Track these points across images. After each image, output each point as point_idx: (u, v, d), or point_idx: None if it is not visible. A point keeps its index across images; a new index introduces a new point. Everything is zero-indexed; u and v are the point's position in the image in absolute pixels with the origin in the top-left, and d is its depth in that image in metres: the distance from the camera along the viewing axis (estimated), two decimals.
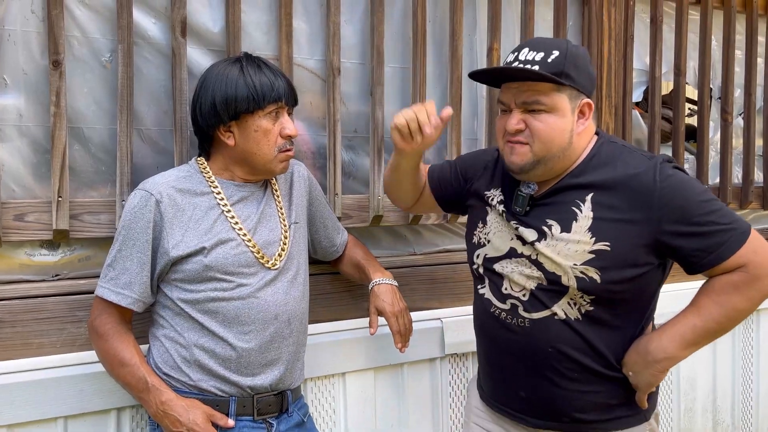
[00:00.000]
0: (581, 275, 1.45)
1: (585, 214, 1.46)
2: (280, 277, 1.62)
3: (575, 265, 1.45)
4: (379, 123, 2.13)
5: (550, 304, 1.50)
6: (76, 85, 1.75)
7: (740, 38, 2.99)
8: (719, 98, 2.99)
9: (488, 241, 1.61)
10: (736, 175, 3.04)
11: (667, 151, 2.86)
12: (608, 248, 1.43)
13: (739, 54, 2.99)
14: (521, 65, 1.43)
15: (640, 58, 2.74)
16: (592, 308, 1.48)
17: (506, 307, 1.56)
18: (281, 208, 1.68)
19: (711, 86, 2.92)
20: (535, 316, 1.51)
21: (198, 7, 1.89)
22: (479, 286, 1.65)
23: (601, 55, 2.55)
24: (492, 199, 1.63)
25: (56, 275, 1.76)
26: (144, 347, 1.63)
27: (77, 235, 1.74)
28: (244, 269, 1.56)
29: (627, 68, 2.62)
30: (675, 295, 1.92)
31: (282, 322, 1.60)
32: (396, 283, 1.84)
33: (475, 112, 2.39)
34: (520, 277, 1.53)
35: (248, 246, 1.57)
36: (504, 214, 1.58)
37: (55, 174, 1.69)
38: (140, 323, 1.69)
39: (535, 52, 1.44)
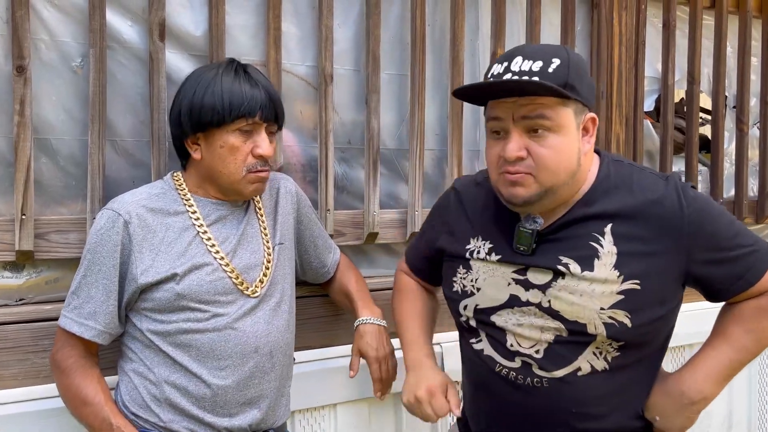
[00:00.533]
0: (610, 320, 1.26)
1: (607, 249, 1.27)
2: (261, 305, 1.47)
3: (603, 309, 1.26)
4: (375, 133, 1.99)
5: (573, 358, 1.29)
6: (44, 93, 1.61)
7: (756, 44, 2.85)
8: (734, 107, 2.86)
9: (477, 290, 1.37)
10: (752, 187, 2.91)
11: (680, 163, 2.71)
12: (638, 287, 1.26)
13: (755, 61, 2.86)
14: (516, 77, 1.21)
15: (652, 65, 2.60)
16: (618, 354, 1.30)
17: (516, 365, 1.34)
18: (265, 228, 1.54)
19: (726, 94, 2.79)
20: (557, 374, 1.30)
21: (178, 9, 1.75)
22: (472, 340, 1.42)
23: (612, 61, 2.41)
24: (478, 253, 1.38)
25: (20, 300, 1.62)
26: (114, 379, 1.48)
27: (43, 256, 1.60)
28: (221, 297, 1.41)
29: (638, 75, 2.48)
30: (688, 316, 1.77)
31: (263, 356, 1.45)
32: (384, 323, 1.67)
33: (477, 122, 2.25)
34: (531, 331, 1.31)
35: (226, 271, 1.42)
36: (500, 261, 1.35)
37: (19, 189, 1.54)
38: (111, 352, 1.54)
39: (531, 62, 1.22)
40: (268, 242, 1.52)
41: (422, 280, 1.64)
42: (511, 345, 1.33)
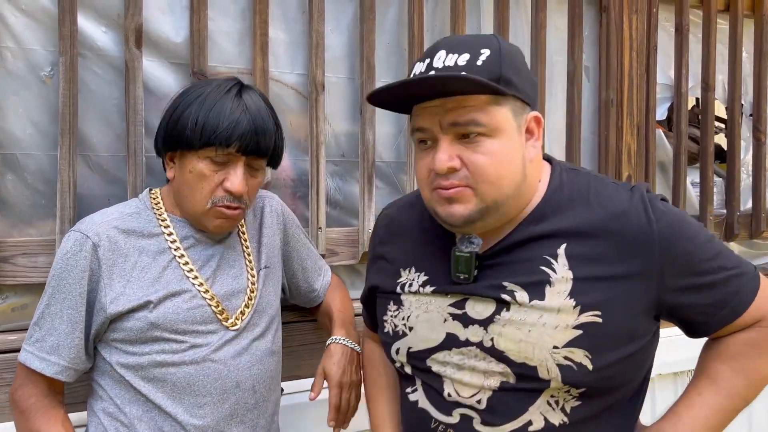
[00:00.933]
0: (566, 362, 1.02)
1: (561, 273, 1.04)
2: (244, 334, 1.34)
3: (556, 348, 1.03)
4: (370, 145, 1.86)
5: (522, 410, 1.05)
6: (9, 104, 1.49)
7: None
8: (750, 115, 2.73)
9: (410, 329, 1.14)
10: None
11: (694, 174, 2.58)
12: (599, 319, 1.03)
13: None
14: (440, 74, 1.01)
15: (664, 72, 2.48)
16: (579, 403, 1.06)
17: (454, 420, 1.10)
18: (248, 251, 1.41)
19: (742, 102, 2.66)
20: (503, 429, 1.06)
21: (156, 14, 1.63)
22: (408, 390, 1.19)
23: (622, 67, 2.29)
24: (410, 286, 1.17)
25: None
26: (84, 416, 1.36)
27: (9, 281, 1.48)
28: (200, 327, 1.28)
29: (650, 82, 2.35)
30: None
31: (245, 391, 1.31)
32: (358, 348, 1.48)
33: None
34: (472, 377, 1.08)
35: (205, 298, 1.29)
36: (435, 293, 1.13)
37: None
38: (81, 385, 1.41)
39: (456, 55, 1.02)
40: (252, 267, 1.40)
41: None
42: (449, 394, 1.10)
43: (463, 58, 1.01)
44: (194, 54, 1.64)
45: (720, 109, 2.74)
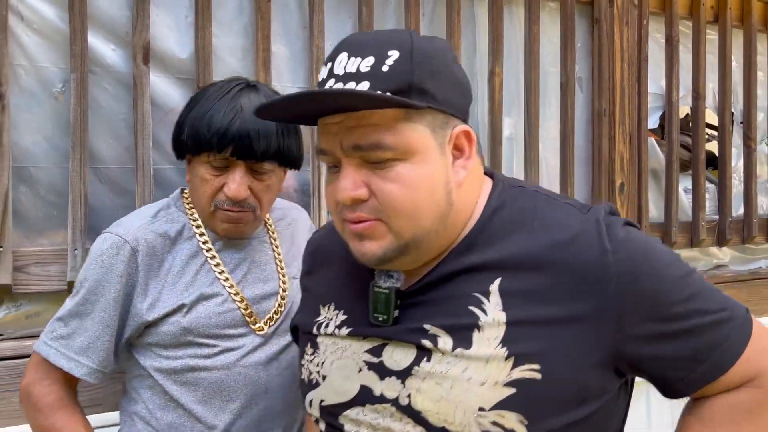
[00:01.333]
0: (494, 428, 0.82)
1: (492, 315, 0.83)
2: (274, 339, 1.32)
3: (483, 410, 0.81)
4: None
5: None
6: (23, 120, 1.56)
7: (762, 59, 2.80)
8: (741, 123, 2.79)
9: (323, 378, 0.95)
10: (761, 205, 2.83)
11: (686, 181, 2.64)
12: (537, 374, 0.81)
13: (762, 76, 2.79)
14: (340, 84, 0.83)
15: (656, 81, 2.54)
16: None
17: None
18: (280, 256, 1.39)
19: (732, 110, 2.72)
20: None
21: (163, 31, 1.70)
22: None
23: (613, 78, 2.35)
24: (326, 326, 0.97)
25: None
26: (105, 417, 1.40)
27: (22, 289, 1.54)
28: (230, 330, 1.27)
29: (641, 92, 2.42)
30: None
31: (274, 397, 1.30)
32: None
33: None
34: None
35: (235, 301, 1.28)
36: (351, 335, 0.93)
37: None
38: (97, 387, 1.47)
39: (359, 59, 0.82)
40: (284, 273, 1.38)
41: None
42: None
43: (367, 63, 0.82)
44: (199, 69, 1.70)
45: (713, 117, 2.81)
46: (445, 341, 0.84)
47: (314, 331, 0.99)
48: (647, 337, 0.83)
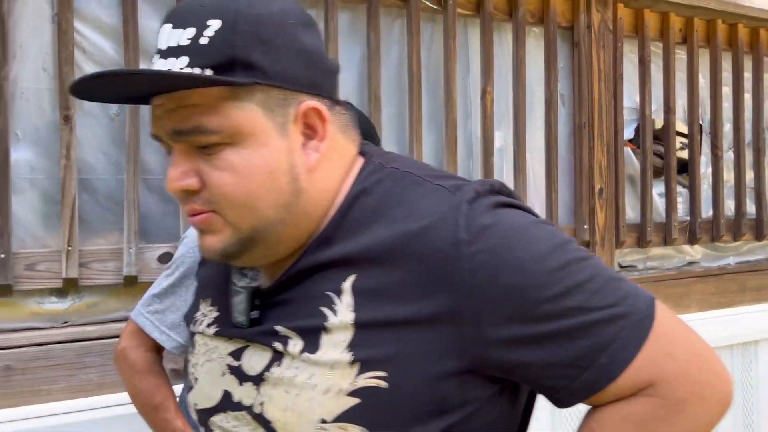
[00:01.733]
0: None
1: (341, 316, 0.72)
2: None
3: (324, 423, 0.71)
4: None
5: None
6: (86, 139, 1.83)
7: (727, 75, 3.07)
8: (709, 133, 3.06)
9: (195, 380, 0.86)
10: (729, 207, 3.09)
11: (659, 186, 2.91)
12: (384, 383, 0.70)
13: (726, 90, 3.07)
14: (162, 60, 0.71)
15: (631, 97, 2.82)
16: None
17: None
18: None
19: (700, 122, 3.00)
20: None
21: None
22: None
23: (592, 95, 2.63)
24: (200, 324, 0.87)
25: (65, 322, 1.81)
26: None
27: (86, 282, 1.80)
28: None
29: (617, 107, 2.71)
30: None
31: None
32: None
33: (470, 154, 2.46)
34: None
35: None
36: (217, 335, 0.83)
37: (65, 224, 1.74)
38: None
39: (181, 30, 0.71)
40: None
41: None
42: None
43: (188, 35, 0.71)
44: None
45: (683, 129, 3.09)
46: (296, 343, 0.74)
47: (191, 327, 0.90)
48: (513, 341, 0.69)
